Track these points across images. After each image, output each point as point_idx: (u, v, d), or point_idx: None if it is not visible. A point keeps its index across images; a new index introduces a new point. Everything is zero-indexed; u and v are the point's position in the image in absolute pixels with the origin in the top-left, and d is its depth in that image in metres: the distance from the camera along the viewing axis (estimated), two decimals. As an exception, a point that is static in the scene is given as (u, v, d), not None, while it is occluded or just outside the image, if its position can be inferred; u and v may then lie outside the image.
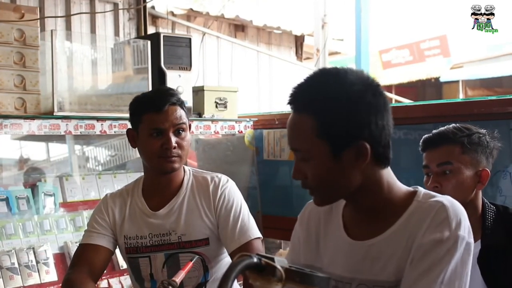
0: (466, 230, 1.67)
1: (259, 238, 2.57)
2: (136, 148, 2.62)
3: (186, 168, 2.69)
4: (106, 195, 2.72)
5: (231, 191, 2.63)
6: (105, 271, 2.72)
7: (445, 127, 2.49)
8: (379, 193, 1.73)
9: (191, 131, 2.63)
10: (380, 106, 1.69)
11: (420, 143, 2.52)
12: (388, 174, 1.76)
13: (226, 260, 2.64)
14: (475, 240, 2.38)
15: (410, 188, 1.79)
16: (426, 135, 2.52)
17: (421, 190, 1.77)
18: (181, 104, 2.55)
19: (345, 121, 1.63)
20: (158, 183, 2.61)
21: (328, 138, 1.64)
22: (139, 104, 2.58)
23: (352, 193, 1.71)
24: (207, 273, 2.58)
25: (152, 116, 2.48)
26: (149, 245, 2.57)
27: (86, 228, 3.59)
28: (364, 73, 1.73)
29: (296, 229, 2.01)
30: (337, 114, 1.63)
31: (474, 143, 2.39)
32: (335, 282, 1.74)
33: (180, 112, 2.53)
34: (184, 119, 2.54)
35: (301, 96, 1.70)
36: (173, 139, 2.47)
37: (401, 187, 1.78)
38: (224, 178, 2.67)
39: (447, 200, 1.70)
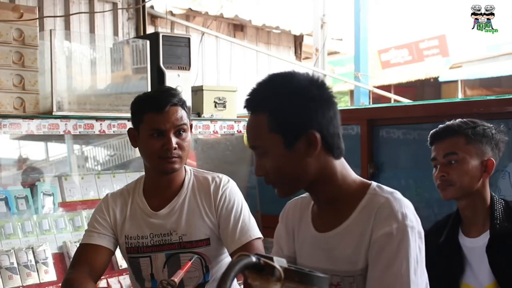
0: (413, 219, 1.76)
1: (259, 238, 2.57)
2: (137, 148, 2.60)
3: (187, 167, 2.67)
4: (107, 194, 2.71)
5: (232, 191, 2.62)
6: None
7: (451, 121, 2.57)
8: (334, 183, 1.85)
9: (191, 132, 2.63)
10: (325, 99, 1.82)
11: (428, 138, 2.60)
12: (342, 165, 1.87)
13: (226, 260, 2.64)
14: (483, 231, 2.44)
15: (365, 180, 1.90)
16: (433, 130, 2.60)
17: (375, 183, 1.87)
18: (183, 104, 2.54)
19: (293, 113, 1.77)
20: (159, 183, 2.59)
21: (280, 131, 1.77)
22: (141, 103, 2.56)
23: (311, 183, 1.84)
24: (207, 273, 2.57)
25: (153, 116, 2.47)
26: (150, 245, 2.55)
27: (85, 227, 3.59)
28: (310, 73, 1.88)
29: (278, 226, 2.12)
30: (285, 108, 1.77)
31: (478, 134, 2.48)
32: None
33: (181, 112, 2.51)
34: (185, 119, 2.52)
35: (254, 98, 1.84)
36: (174, 140, 2.46)
37: (356, 179, 1.89)
38: (225, 178, 2.66)
39: (391, 195, 1.80)
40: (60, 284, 3.48)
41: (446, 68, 11.85)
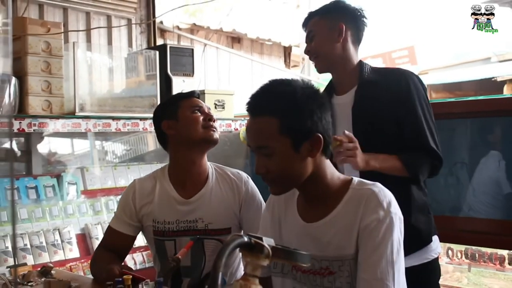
0: (396, 207, 1.75)
1: None
2: (171, 135, 2.54)
3: (208, 163, 2.61)
4: (134, 180, 2.62)
5: (254, 187, 2.61)
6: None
7: None
8: (324, 181, 1.81)
9: None
10: (326, 106, 1.78)
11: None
12: (329, 164, 1.84)
13: None
14: (352, 87, 2.41)
15: (347, 176, 1.87)
16: None
17: (356, 178, 1.85)
18: None
19: (303, 118, 1.71)
20: (188, 171, 2.52)
21: (290, 134, 1.70)
22: (175, 97, 2.64)
23: (304, 181, 1.78)
24: None
25: (190, 100, 2.53)
26: (175, 230, 2.48)
27: (104, 212, 3.61)
28: (306, 80, 1.82)
29: (264, 215, 2.08)
30: (296, 113, 1.71)
31: (327, 9, 2.47)
32: None
33: None
34: None
35: (260, 102, 1.75)
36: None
37: (340, 176, 1.86)
38: (244, 174, 2.64)
39: (376, 187, 1.78)
40: (82, 260, 3.52)
41: (414, 74, 11.86)
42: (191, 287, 2.49)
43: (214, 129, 2.51)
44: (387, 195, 1.75)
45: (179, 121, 2.49)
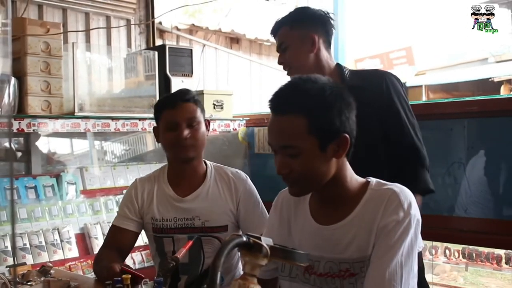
0: (416, 209, 1.69)
1: None
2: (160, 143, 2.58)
3: (208, 162, 2.64)
4: (136, 179, 2.66)
5: (251, 186, 2.62)
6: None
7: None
8: (344, 183, 1.74)
9: (208, 129, 2.59)
10: (353, 105, 1.71)
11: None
12: (349, 166, 1.77)
13: None
14: None
15: (363, 178, 1.80)
16: None
17: (373, 180, 1.79)
18: (196, 102, 2.51)
19: (332, 117, 1.64)
20: (184, 173, 2.56)
21: (318, 133, 1.62)
22: (159, 104, 2.58)
23: (324, 183, 1.71)
24: None
25: (168, 112, 2.46)
26: (173, 227, 2.51)
27: (103, 212, 3.60)
28: (329, 79, 1.74)
29: (271, 214, 2.00)
30: (325, 112, 1.63)
31: (298, 19, 2.51)
32: None
33: (193, 107, 2.48)
34: (198, 114, 2.49)
35: (287, 99, 1.67)
36: (186, 131, 2.43)
37: (357, 178, 1.79)
38: (243, 173, 2.65)
39: (396, 187, 1.72)
40: (81, 260, 3.52)
41: (412, 75, 11.85)
42: (189, 284, 2.50)
43: (186, 149, 2.46)
44: (407, 196, 1.70)
45: (160, 132, 2.53)
